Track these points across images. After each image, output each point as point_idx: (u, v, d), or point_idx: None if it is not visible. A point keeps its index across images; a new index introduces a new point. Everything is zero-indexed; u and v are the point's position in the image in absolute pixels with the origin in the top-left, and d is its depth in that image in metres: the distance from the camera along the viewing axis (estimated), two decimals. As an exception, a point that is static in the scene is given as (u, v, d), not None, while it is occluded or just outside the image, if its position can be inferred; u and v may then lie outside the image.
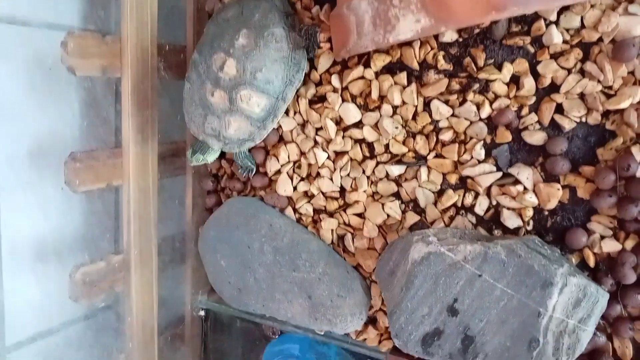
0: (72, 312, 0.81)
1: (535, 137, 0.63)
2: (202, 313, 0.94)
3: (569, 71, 0.61)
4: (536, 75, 0.63)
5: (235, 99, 0.69)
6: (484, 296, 0.60)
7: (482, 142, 0.66)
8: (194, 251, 0.91)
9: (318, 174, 0.76)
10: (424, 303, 0.63)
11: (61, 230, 0.79)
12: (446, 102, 0.66)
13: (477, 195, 0.67)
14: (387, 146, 0.71)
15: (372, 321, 0.77)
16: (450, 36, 0.65)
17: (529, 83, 0.63)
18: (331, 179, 0.75)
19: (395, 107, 0.69)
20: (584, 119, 0.62)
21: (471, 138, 0.66)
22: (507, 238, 0.63)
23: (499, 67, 0.64)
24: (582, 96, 0.61)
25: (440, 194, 0.69)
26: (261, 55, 0.68)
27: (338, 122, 0.73)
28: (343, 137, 0.73)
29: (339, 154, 0.74)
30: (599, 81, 0.60)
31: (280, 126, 0.77)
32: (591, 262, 0.63)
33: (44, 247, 0.77)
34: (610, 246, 0.61)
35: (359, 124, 0.72)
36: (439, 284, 0.62)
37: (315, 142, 0.75)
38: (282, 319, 0.80)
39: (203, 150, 0.76)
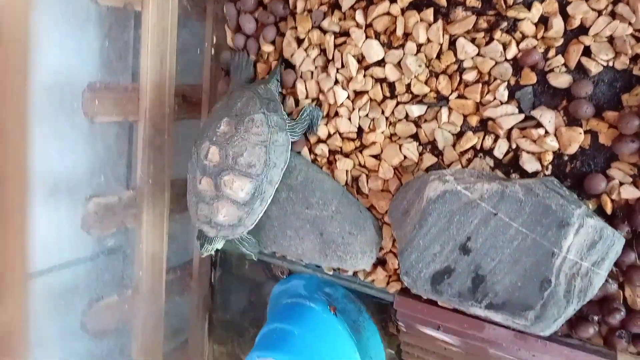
0: (84, 249, 0.81)
1: (561, 80, 0.62)
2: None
3: (600, 13, 0.60)
4: (565, 16, 0.62)
5: (220, 184, 0.70)
6: (498, 235, 0.60)
7: (506, 83, 0.65)
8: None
9: (336, 114, 0.75)
10: (436, 241, 0.63)
11: (74, 165, 0.79)
12: (472, 41, 0.65)
13: (497, 138, 0.66)
14: (408, 86, 0.70)
15: (381, 263, 0.77)
16: (480, -28, 0.64)
17: (557, 24, 0.62)
18: (349, 119, 0.74)
19: (419, 45, 0.68)
20: (611, 63, 0.61)
21: (495, 79, 0.65)
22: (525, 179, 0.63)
23: (529, 7, 0.63)
24: (611, 39, 0.60)
25: (459, 136, 0.68)
26: (242, 140, 0.70)
27: (360, 60, 0.72)
28: (364, 75, 0.72)
29: (358, 94, 0.74)
30: (630, 24, 0.59)
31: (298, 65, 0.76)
32: (608, 209, 0.62)
33: (58, 182, 0.77)
34: (629, 193, 0.61)
35: (381, 62, 0.71)
36: (452, 222, 0.62)
37: (336, 81, 0.74)
38: (292, 257, 0.80)
39: (209, 240, 0.77)
